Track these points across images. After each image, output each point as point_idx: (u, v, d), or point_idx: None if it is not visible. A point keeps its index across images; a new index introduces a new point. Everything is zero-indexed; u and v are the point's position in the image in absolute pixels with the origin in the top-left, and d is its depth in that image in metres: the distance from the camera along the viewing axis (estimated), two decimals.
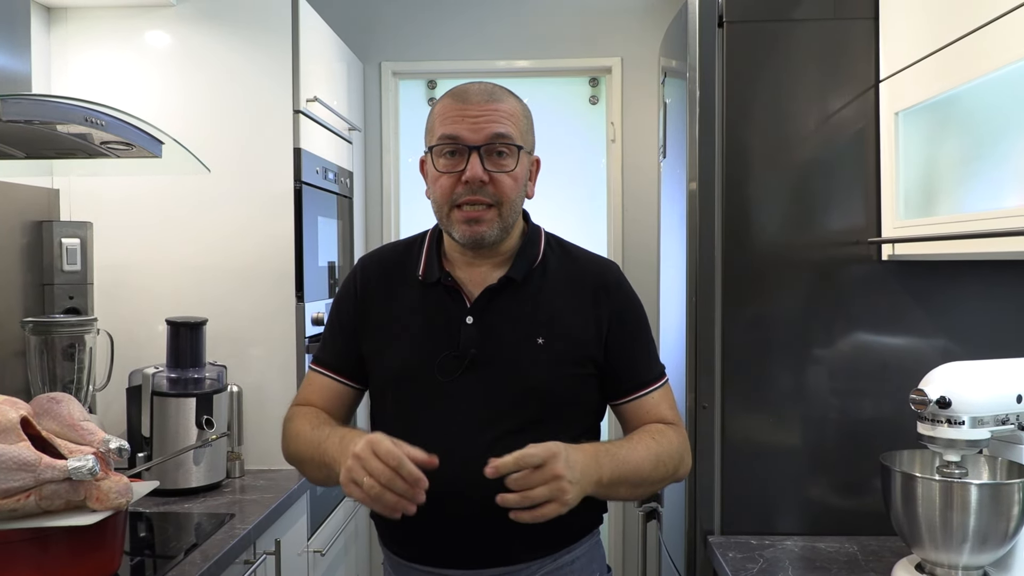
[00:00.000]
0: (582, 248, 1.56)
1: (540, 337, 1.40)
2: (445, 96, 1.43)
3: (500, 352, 1.40)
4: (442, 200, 1.40)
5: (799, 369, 1.87)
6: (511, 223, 1.43)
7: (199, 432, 2.11)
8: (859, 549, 1.75)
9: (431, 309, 1.44)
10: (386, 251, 1.57)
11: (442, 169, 1.39)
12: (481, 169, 1.36)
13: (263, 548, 1.92)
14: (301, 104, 2.38)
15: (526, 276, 1.45)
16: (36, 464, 1.33)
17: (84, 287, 2.30)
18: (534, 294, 1.44)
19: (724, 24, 1.87)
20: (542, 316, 1.42)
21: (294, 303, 2.38)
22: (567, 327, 1.42)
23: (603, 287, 1.47)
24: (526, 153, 1.43)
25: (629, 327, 1.48)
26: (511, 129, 1.39)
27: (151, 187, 2.35)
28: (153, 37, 2.36)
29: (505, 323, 1.42)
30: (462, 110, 1.38)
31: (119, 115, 1.64)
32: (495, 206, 1.39)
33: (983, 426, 1.40)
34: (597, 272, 1.50)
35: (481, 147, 1.36)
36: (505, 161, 1.39)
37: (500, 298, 1.43)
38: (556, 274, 1.47)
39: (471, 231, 1.39)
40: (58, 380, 2.09)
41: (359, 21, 3.31)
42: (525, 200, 1.48)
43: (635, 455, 1.36)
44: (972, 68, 1.40)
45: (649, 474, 1.38)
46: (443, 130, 1.38)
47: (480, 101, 1.38)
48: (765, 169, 1.88)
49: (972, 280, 1.83)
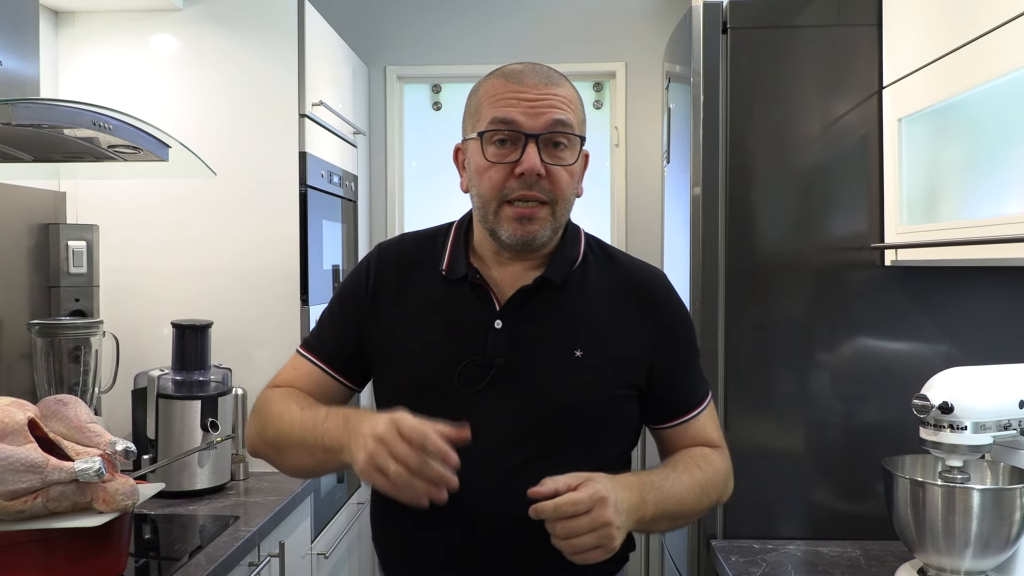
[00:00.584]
0: (626, 253, 1.40)
1: (578, 349, 1.24)
2: (494, 76, 1.26)
3: (532, 364, 1.24)
4: (490, 195, 1.22)
5: (802, 374, 1.87)
6: (562, 224, 1.28)
7: (204, 435, 2.12)
8: (862, 553, 1.76)
9: (454, 310, 1.27)
10: (407, 240, 1.39)
11: (493, 159, 1.21)
12: (539, 161, 1.19)
13: (267, 551, 1.93)
14: (307, 108, 2.39)
15: (565, 279, 1.28)
16: (43, 466, 1.34)
17: (90, 289, 2.31)
18: (573, 300, 1.28)
19: (728, 30, 1.88)
20: (581, 325, 1.26)
21: (299, 306, 2.39)
22: (609, 340, 1.26)
23: (650, 298, 1.31)
24: (581, 148, 1.27)
25: (678, 344, 1.33)
26: (571, 117, 1.23)
27: (157, 190, 2.36)
28: (160, 41, 2.37)
29: (539, 331, 1.25)
30: (517, 92, 1.21)
31: (127, 119, 1.65)
32: (549, 204, 1.22)
33: (985, 431, 1.41)
34: (644, 280, 1.33)
35: (539, 135, 1.20)
36: (563, 153, 1.22)
37: (534, 302, 1.26)
38: (597, 280, 1.31)
39: (522, 230, 1.22)
40: (64, 382, 2.10)
41: (364, 25, 3.32)
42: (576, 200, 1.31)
43: (679, 487, 1.23)
44: (975, 75, 1.41)
45: (692, 506, 1.25)
46: (495, 113, 1.21)
47: (537, 83, 1.21)
48: (768, 174, 1.89)
49: (975, 286, 1.83)
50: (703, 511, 1.29)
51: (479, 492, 1.18)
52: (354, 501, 2.85)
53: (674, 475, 1.24)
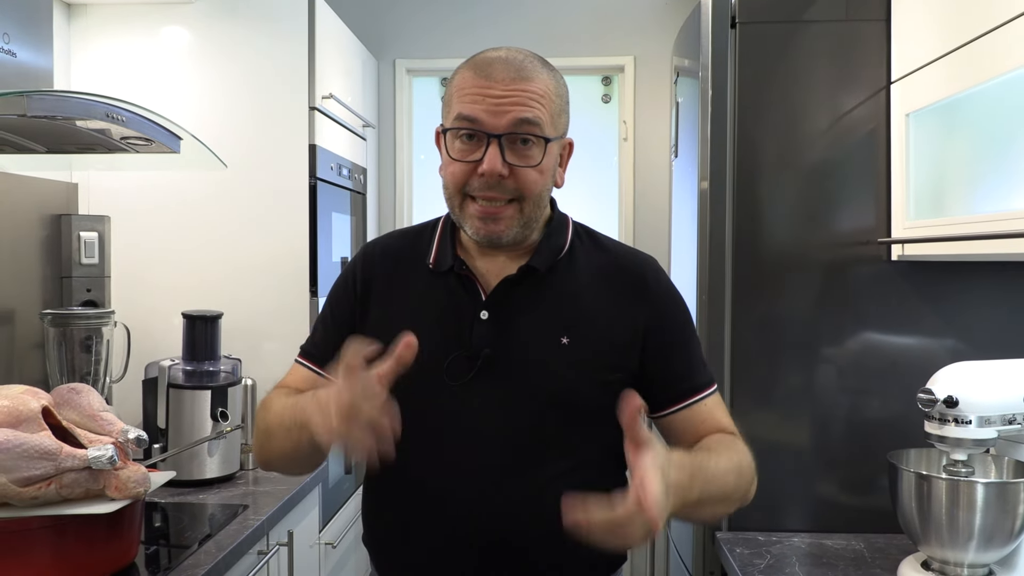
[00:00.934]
0: (615, 240, 1.36)
1: (565, 336, 1.22)
2: (467, 65, 1.22)
3: (518, 352, 1.22)
4: (454, 189, 1.21)
5: (808, 367, 1.88)
6: (535, 218, 1.24)
7: (214, 424, 2.13)
8: (866, 546, 1.76)
9: (441, 302, 1.26)
10: (393, 238, 1.39)
11: (456, 155, 1.19)
12: (500, 162, 1.16)
13: (276, 539, 1.95)
14: (317, 101, 2.40)
15: (550, 267, 1.26)
16: (57, 453, 1.36)
17: (102, 280, 2.33)
18: (559, 288, 1.26)
19: (737, 25, 1.88)
20: (568, 313, 1.24)
21: (308, 298, 2.40)
22: (597, 326, 1.24)
23: (641, 284, 1.28)
24: (555, 142, 1.23)
25: (672, 329, 1.28)
26: (540, 114, 1.18)
27: (168, 182, 2.38)
28: (171, 33, 2.38)
29: (525, 319, 1.23)
30: (484, 88, 1.17)
31: (140, 111, 1.67)
32: (516, 201, 1.20)
33: (990, 426, 1.42)
34: (633, 267, 1.30)
35: (502, 135, 1.16)
36: (530, 152, 1.18)
37: (520, 291, 1.25)
38: (585, 267, 1.28)
39: (486, 229, 1.20)
40: (76, 371, 2.12)
41: (374, 19, 3.33)
42: (553, 190, 1.29)
43: (721, 469, 1.16)
44: (983, 71, 1.41)
45: (732, 491, 1.19)
46: (460, 108, 1.18)
47: (505, 78, 1.17)
48: (776, 169, 1.89)
49: (981, 281, 1.84)
50: (738, 500, 1.22)
51: (472, 485, 1.18)
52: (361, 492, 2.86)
53: (714, 457, 1.18)
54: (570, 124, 1.30)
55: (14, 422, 1.37)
